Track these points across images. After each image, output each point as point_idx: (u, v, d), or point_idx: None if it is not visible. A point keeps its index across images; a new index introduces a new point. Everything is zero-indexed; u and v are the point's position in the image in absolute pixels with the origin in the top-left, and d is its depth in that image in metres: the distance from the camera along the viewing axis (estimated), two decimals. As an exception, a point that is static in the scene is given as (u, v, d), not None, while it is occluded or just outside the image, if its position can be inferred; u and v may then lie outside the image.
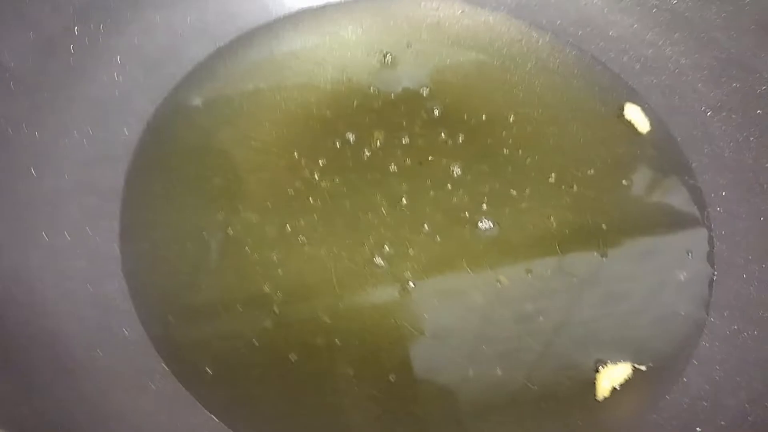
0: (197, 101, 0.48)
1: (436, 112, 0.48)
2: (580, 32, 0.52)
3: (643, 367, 0.41)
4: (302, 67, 0.50)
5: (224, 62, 0.50)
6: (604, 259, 0.44)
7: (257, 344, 0.40)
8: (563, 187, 0.46)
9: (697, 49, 0.49)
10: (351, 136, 0.47)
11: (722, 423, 0.38)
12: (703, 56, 0.48)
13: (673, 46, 0.50)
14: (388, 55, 0.51)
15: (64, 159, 0.43)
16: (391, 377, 0.40)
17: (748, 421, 0.37)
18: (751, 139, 0.46)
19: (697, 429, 0.38)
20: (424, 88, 0.50)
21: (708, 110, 0.48)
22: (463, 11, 0.53)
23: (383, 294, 0.42)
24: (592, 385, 0.40)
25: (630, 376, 0.40)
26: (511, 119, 0.48)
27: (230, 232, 0.43)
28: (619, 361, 0.41)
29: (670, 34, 0.50)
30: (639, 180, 0.47)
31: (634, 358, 0.41)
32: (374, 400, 0.39)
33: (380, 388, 0.40)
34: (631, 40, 0.51)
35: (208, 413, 0.38)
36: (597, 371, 0.40)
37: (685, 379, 0.40)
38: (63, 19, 0.43)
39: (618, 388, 0.40)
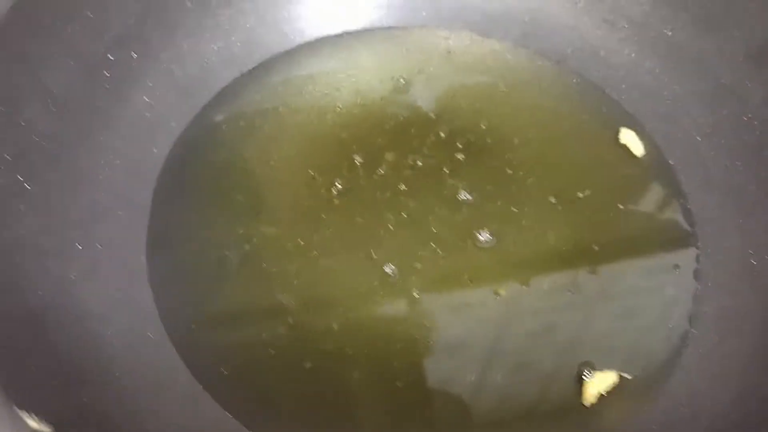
0: (222, 123, 0.50)
1: (444, 135, 0.50)
2: (581, 60, 0.54)
3: (628, 376, 0.42)
4: (319, 91, 0.52)
5: (247, 86, 0.52)
6: (597, 274, 0.46)
7: (273, 350, 0.42)
8: (561, 206, 0.48)
9: (691, 77, 0.50)
10: (364, 156, 0.49)
11: (702, 425, 0.39)
12: (696, 84, 0.50)
13: (669, 75, 0.51)
14: (401, 80, 0.53)
15: (99, 176, 0.45)
16: (398, 383, 0.41)
17: (725, 423, 0.39)
18: (738, 163, 0.47)
19: (677, 433, 0.40)
20: (434, 111, 0.52)
21: (699, 136, 0.49)
22: (471, 40, 0.55)
23: (391, 304, 0.44)
24: (579, 392, 0.42)
25: (616, 383, 0.42)
26: (515, 141, 0.50)
27: (249, 245, 0.45)
28: (606, 369, 0.42)
29: (666, 63, 0.51)
30: (633, 200, 0.49)
31: (620, 367, 0.42)
32: (382, 404, 0.42)
33: (388, 393, 0.41)
34: (629, 68, 0.53)
35: (225, 411, 0.40)
36: (585, 379, 0.42)
37: (668, 387, 0.42)
38: (100, 48, 0.46)
39: (605, 395, 0.42)
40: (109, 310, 0.41)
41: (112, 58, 0.47)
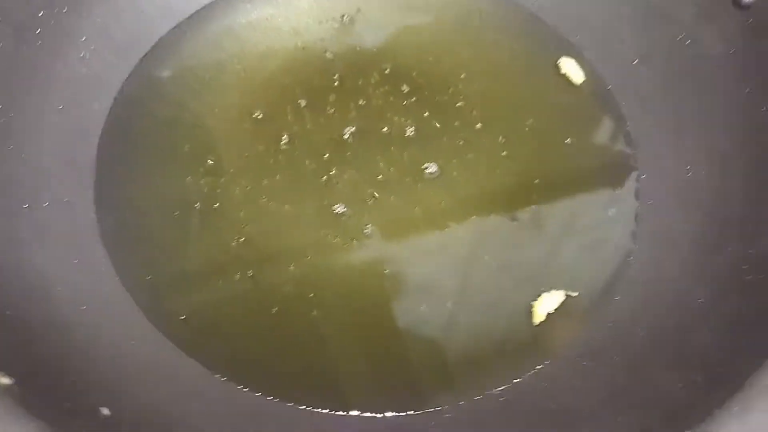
0: (162, 74, 0.50)
1: (388, 72, 0.50)
2: (517, -11, 0.53)
3: (575, 294, 0.44)
4: (260, 36, 0.52)
5: (186, 36, 0.51)
6: (542, 200, 0.47)
7: (232, 296, 0.43)
8: (506, 138, 0.48)
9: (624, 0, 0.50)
10: (308, 99, 0.49)
11: (641, 334, 0.41)
12: (629, 7, 0.50)
13: (603, -2, 0.51)
14: (341, 20, 0.53)
15: (40, 136, 0.44)
16: (361, 319, 0.43)
17: (665, 337, 0.40)
18: (673, 83, 0.48)
19: (621, 345, 0.41)
20: (376, 49, 0.52)
21: (635, 58, 0.49)
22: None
23: (345, 244, 0.44)
24: (529, 312, 0.43)
25: (563, 302, 0.43)
26: (459, 76, 0.51)
27: (198, 196, 0.45)
28: (554, 289, 0.44)
29: (596, -14, 0.51)
30: (575, 128, 0.49)
31: (566, 286, 0.44)
32: (347, 341, 0.43)
33: (353, 329, 0.43)
34: (564, -6, 0.53)
35: (188, 357, 0.41)
36: (534, 299, 0.43)
37: (612, 303, 0.43)
38: (29, 5, 0.44)
39: (552, 313, 0.43)
40: (63, 269, 0.41)
41: (41, 15, 0.45)
